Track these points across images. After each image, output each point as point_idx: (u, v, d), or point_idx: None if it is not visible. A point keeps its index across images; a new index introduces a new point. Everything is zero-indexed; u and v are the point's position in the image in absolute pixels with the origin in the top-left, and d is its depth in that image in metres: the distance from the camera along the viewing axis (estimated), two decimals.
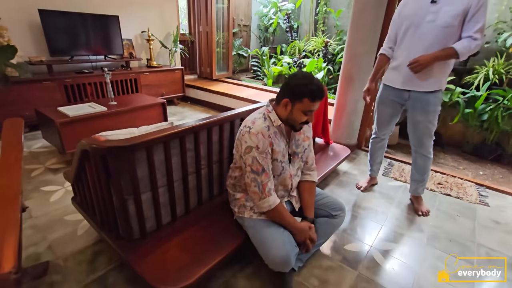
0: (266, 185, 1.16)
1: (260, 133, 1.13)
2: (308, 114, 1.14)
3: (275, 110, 1.19)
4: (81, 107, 2.37)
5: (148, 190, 1.25)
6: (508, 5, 3.33)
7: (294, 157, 1.29)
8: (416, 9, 1.53)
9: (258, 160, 1.14)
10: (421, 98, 1.63)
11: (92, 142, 1.12)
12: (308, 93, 1.09)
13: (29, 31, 2.96)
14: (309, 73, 1.15)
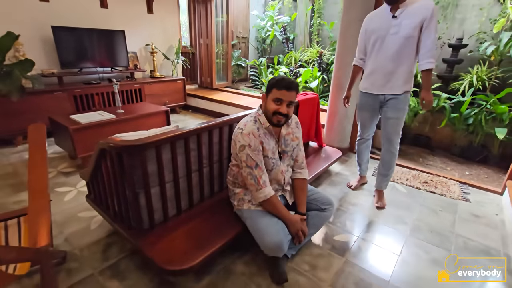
0: (261, 177, 1.33)
1: (251, 133, 1.32)
2: (277, 103, 1.31)
3: (264, 113, 1.39)
4: (91, 115, 2.55)
5: (157, 184, 1.42)
6: (488, 17, 3.57)
7: (283, 155, 1.46)
8: (381, 24, 1.75)
9: (251, 156, 1.32)
10: (394, 98, 1.83)
11: (110, 141, 1.29)
12: (274, 83, 1.31)
13: (42, 45, 3.18)
14: (281, 75, 1.39)
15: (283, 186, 1.52)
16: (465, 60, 3.76)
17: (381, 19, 1.76)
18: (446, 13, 3.90)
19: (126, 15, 3.85)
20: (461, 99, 3.46)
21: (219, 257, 1.52)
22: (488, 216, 2.03)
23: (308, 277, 1.43)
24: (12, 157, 2.69)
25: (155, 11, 4.14)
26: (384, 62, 1.77)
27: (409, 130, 3.91)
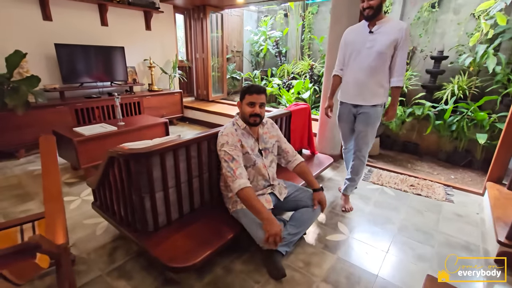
0: (237, 169, 1.45)
1: (230, 133, 1.54)
2: (251, 106, 1.52)
3: (241, 117, 1.61)
4: (94, 127, 2.67)
5: (161, 189, 1.54)
6: (465, 31, 3.83)
7: (265, 151, 1.66)
8: (358, 38, 1.89)
9: (228, 151, 1.48)
10: (365, 111, 1.94)
11: (118, 150, 1.42)
12: (246, 90, 1.54)
13: (45, 62, 3.32)
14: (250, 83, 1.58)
15: (270, 181, 1.66)
16: (446, 70, 4.00)
17: (359, 34, 1.90)
18: (427, 28, 4.16)
19: (125, 32, 4.03)
20: (444, 107, 3.67)
21: (219, 257, 1.62)
22: (469, 215, 2.17)
23: (303, 273, 1.54)
24: (15, 169, 2.77)
25: (153, 28, 4.33)
26: (358, 73, 1.90)
27: (397, 137, 4.10)
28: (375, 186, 2.60)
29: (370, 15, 1.76)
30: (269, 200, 1.61)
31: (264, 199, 1.59)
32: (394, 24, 1.78)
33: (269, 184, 1.66)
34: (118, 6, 3.79)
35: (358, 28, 1.93)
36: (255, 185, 1.64)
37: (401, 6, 4.33)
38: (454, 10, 3.98)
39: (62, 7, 3.36)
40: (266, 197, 1.62)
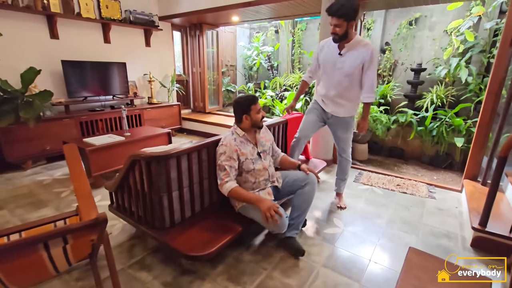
0: (225, 177, 1.66)
1: (228, 143, 1.70)
2: (259, 112, 1.75)
3: (239, 127, 1.78)
4: (102, 138, 2.83)
5: (176, 189, 1.72)
6: (440, 45, 4.24)
7: (263, 153, 1.84)
8: (329, 57, 2.05)
9: (222, 162, 1.67)
10: (341, 120, 2.21)
11: (141, 153, 1.61)
12: (250, 102, 1.73)
13: (52, 77, 3.48)
14: (241, 96, 1.77)
15: (270, 179, 1.85)
16: (425, 81, 4.37)
17: (331, 53, 2.04)
18: (407, 43, 4.57)
19: (127, 48, 4.25)
20: (425, 114, 4.01)
21: (229, 250, 1.80)
22: (449, 209, 2.43)
23: (304, 261, 1.73)
24: (24, 179, 2.88)
25: (152, 45, 4.57)
26: (330, 89, 2.12)
27: (384, 143, 4.40)
28: (365, 187, 2.84)
29: (337, 39, 1.93)
30: (270, 192, 1.80)
31: (266, 192, 1.79)
32: (362, 46, 1.93)
33: (269, 181, 1.85)
34: (120, 24, 4.03)
35: (330, 47, 2.05)
36: (257, 185, 1.80)
37: (382, 24, 4.74)
38: (429, 27, 4.40)
39: (69, 26, 3.57)
40: (268, 190, 1.81)
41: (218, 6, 3.85)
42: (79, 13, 3.60)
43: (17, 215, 2.21)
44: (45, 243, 0.81)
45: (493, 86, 2.44)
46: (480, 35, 3.85)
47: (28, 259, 0.86)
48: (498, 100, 2.48)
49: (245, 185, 1.78)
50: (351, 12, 1.81)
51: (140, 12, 4.22)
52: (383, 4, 3.26)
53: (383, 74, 4.84)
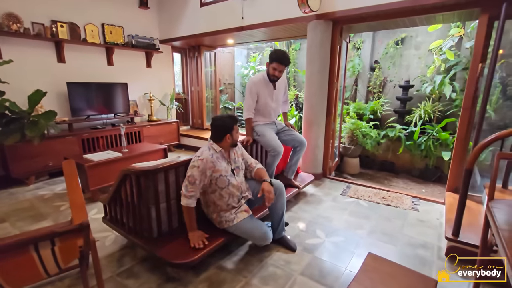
0: (190, 192, 1.73)
1: (205, 159, 1.74)
2: (238, 132, 1.91)
3: (217, 144, 1.85)
4: (101, 154, 3.01)
5: (164, 201, 1.86)
6: (425, 63, 4.43)
7: (236, 170, 1.93)
8: (268, 92, 2.54)
9: (195, 175, 1.72)
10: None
11: (131, 168, 1.76)
12: (233, 122, 1.86)
13: (57, 98, 3.73)
14: (220, 116, 1.90)
15: (243, 194, 1.93)
16: (414, 97, 4.54)
17: (267, 89, 2.53)
18: (394, 61, 4.77)
19: (128, 70, 4.52)
20: (413, 129, 4.14)
21: (213, 258, 1.91)
22: (431, 220, 2.51)
23: (283, 269, 1.83)
24: (27, 194, 3.04)
25: (153, 66, 4.85)
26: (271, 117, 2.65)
27: (375, 157, 4.51)
28: (351, 199, 2.94)
29: (275, 80, 2.50)
30: (247, 209, 1.92)
31: (243, 210, 1.90)
32: (282, 80, 2.61)
33: (242, 197, 1.94)
34: (123, 48, 4.31)
35: (266, 84, 2.52)
36: (232, 201, 1.86)
37: (371, 44, 4.97)
38: (415, 46, 4.62)
39: (75, 51, 3.85)
40: (244, 207, 1.91)
41: (214, 30, 4.12)
42: (85, 39, 3.89)
43: (17, 227, 2.35)
44: (35, 244, 0.95)
45: (467, 102, 2.59)
46: (463, 53, 4.04)
47: (20, 259, 0.99)
48: (473, 115, 2.61)
49: (220, 202, 1.86)
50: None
51: (142, 36, 4.52)
52: (366, 27, 3.48)
53: (373, 90, 5.02)
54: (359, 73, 5.08)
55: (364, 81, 5.10)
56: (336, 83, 3.44)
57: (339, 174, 4.06)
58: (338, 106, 3.69)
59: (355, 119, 4.21)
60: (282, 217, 2.02)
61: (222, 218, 1.88)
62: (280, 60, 2.36)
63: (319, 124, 3.36)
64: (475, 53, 2.50)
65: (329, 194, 3.09)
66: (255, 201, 2.03)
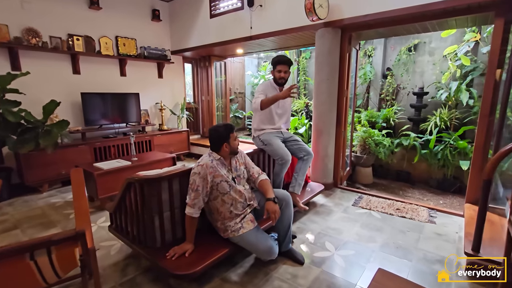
0: (194, 199, 1.71)
1: (205, 164, 1.73)
2: (236, 139, 1.87)
3: (217, 153, 1.83)
4: (111, 163, 3.05)
5: (168, 210, 1.84)
6: (440, 69, 4.29)
7: (237, 178, 1.88)
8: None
9: (196, 181, 1.71)
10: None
11: (135, 176, 1.76)
12: (229, 130, 1.82)
13: (71, 108, 3.85)
14: (217, 126, 1.87)
15: (247, 202, 1.88)
16: (429, 104, 4.39)
17: (275, 93, 2.46)
18: (407, 68, 4.66)
19: (141, 80, 4.63)
20: (429, 137, 3.98)
21: (217, 270, 1.85)
22: (448, 234, 2.36)
23: (290, 283, 1.75)
24: (39, 201, 3.11)
25: (164, 76, 4.95)
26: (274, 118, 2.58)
27: (390, 166, 4.36)
28: (363, 211, 2.82)
29: (283, 83, 2.50)
30: (252, 219, 1.86)
31: (249, 220, 1.84)
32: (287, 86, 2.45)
33: (247, 205, 1.89)
34: (136, 59, 4.44)
35: (274, 88, 2.53)
36: (235, 208, 1.81)
37: (382, 50, 4.89)
38: (429, 52, 4.50)
39: (89, 63, 3.99)
40: (249, 217, 1.85)
41: (224, 40, 4.18)
42: (99, 51, 4.03)
43: (28, 235, 2.39)
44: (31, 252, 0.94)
45: (485, 109, 2.46)
46: (480, 59, 3.89)
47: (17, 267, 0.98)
48: (492, 122, 2.47)
49: (222, 209, 1.82)
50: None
51: (154, 48, 4.64)
52: (376, 34, 3.43)
53: (386, 98, 4.90)
54: (371, 81, 4.99)
55: (376, 89, 5.00)
56: (346, 91, 3.37)
57: (351, 184, 3.93)
58: (349, 114, 3.61)
59: (367, 127, 4.10)
60: (289, 229, 1.95)
61: (227, 226, 1.83)
62: (280, 61, 2.44)
63: (329, 132, 3.29)
64: (491, 58, 2.39)
65: (340, 204, 2.98)
66: (261, 212, 1.96)
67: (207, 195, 1.78)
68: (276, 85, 2.53)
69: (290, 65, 2.49)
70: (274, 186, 2.54)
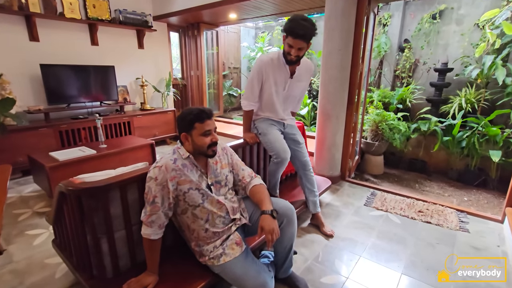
0: (150, 216, 1.20)
1: (164, 166, 1.21)
2: (208, 135, 1.24)
3: (184, 147, 1.29)
4: (71, 151, 2.49)
5: (122, 228, 1.31)
6: (470, 41, 3.64)
7: (215, 186, 1.32)
8: (279, 78, 1.80)
9: (152, 190, 1.19)
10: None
11: (69, 184, 1.21)
12: (194, 117, 1.23)
13: (30, 83, 3.21)
14: (190, 108, 1.28)
15: (230, 216, 1.33)
16: (452, 83, 3.78)
17: (280, 75, 1.79)
18: (429, 39, 3.99)
19: (117, 51, 3.95)
20: (452, 122, 3.42)
21: None
22: (489, 248, 1.88)
23: None
24: None
25: (146, 46, 4.25)
26: (278, 112, 1.91)
27: (403, 155, 3.83)
28: (379, 213, 2.33)
29: (293, 61, 1.70)
30: (239, 241, 1.32)
31: (234, 242, 1.30)
32: (306, 67, 1.85)
33: (230, 220, 1.35)
34: (109, 25, 3.73)
35: (279, 67, 1.78)
36: (212, 225, 1.29)
37: (400, 19, 4.19)
38: (457, 21, 3.81)
39: (50, 28, 3.30)
40: (234, 239, 1.31)
41: (214, 1, 3.47)
42: (62, 13, 3.32)
43: None
44: None
45: None
46: None
47: None
48: None
49: (195, 226, 1.29)
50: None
51: (132, 12, 3.91)
52: None
53: (401, 75, 4.27)
54: (385, 54, 4.32)
55: (391, 64, 4.34)
56: (361, 64, 2.76)
57: (360, 174, 3.42)
58: (361, 94, 3.02)
59: (381, 109, 3.52)
60: (290, 251, 1.43)
61: (203, 250, 1.31)
62: (293, 32, 1.56)
63: (338, 116, 2.72)
64: None
65: (350, 204, 2.48)
66: (253, 229, 1.42)
67: (170, 208, 1.25)
68: (286, 63, 1.74)
69: (309, 39, 1.60)
70: (269, 189, 1.98)
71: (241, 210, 1.43)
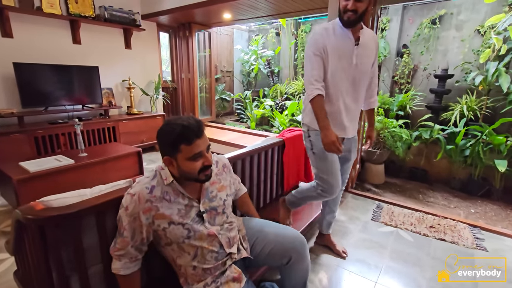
0: (119, 250, 0.98)
1: (137, 195, 0.96)
2: (198, 159, 0.97)
3: (168, 168, 1.02)
4: (46, 160, 2.21)
5: (99, 261, 1.06)
6: (470, 47, 3.57)
7: (209, 213, 1.07)
8: (343, 49, 1.36)
9: (122, 220, 0.97)
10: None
11: (28, 211, 0.95)
12: (178, 138, 0.93)
13: (1, 83, 2.89)
14: (172, 118, 0.98)
15: (225, 250, 1.08)
16: (452, 90, 3.69)
17: (343, 43, 1.36)
18: (428, 45, 3.90)
19: (102, 50, 3.66)
20: (454, 130, 3.31)
21: None
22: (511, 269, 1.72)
23: None
24: None
25: (133, 47, 3.98)
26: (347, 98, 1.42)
27: (403, 163, 3.70)
28: (388, 229, 2.15)
29: (352, 20, 1.30)
30: (237, 277, 1.06)
31: (230, 280, 1.05)
32: (370, 35, 1.44)
33: (225, 254, 1.09)
34: (93, 23, 3.45)
35: (341, 35, 1.36)
36: (201, 262, 1.04)
37: (399, 23, 4.09)
38: (456, 26, 3.74)
39: (26, 23, 3.00)
40: (231, 274, 1.06)
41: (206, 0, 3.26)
42: (39, 7, 3.02)
43: None
44: None
45: None
46: None
47: None
48: None
49: (181, 262, 1.05)
50: None
51: (118, 9, 3.65)
52: None
53: (400, 81, 4.17)
54: (383, 59, 4.21)
55: (389, 69, 4.24)
56: None
57: (360, 184, 3.26)
58: None
59: (382, 117, 3.38)
60: None
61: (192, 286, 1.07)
62: None
63: None
64: None
65: (356, 218, 2.29)
66: (257, 260, 1.18)
67: (143, 243, 1.01)
68: (343, 26, 1.35)
69: None
70: (288, 203, 1.74)
71: (241, 238, 1.18)
